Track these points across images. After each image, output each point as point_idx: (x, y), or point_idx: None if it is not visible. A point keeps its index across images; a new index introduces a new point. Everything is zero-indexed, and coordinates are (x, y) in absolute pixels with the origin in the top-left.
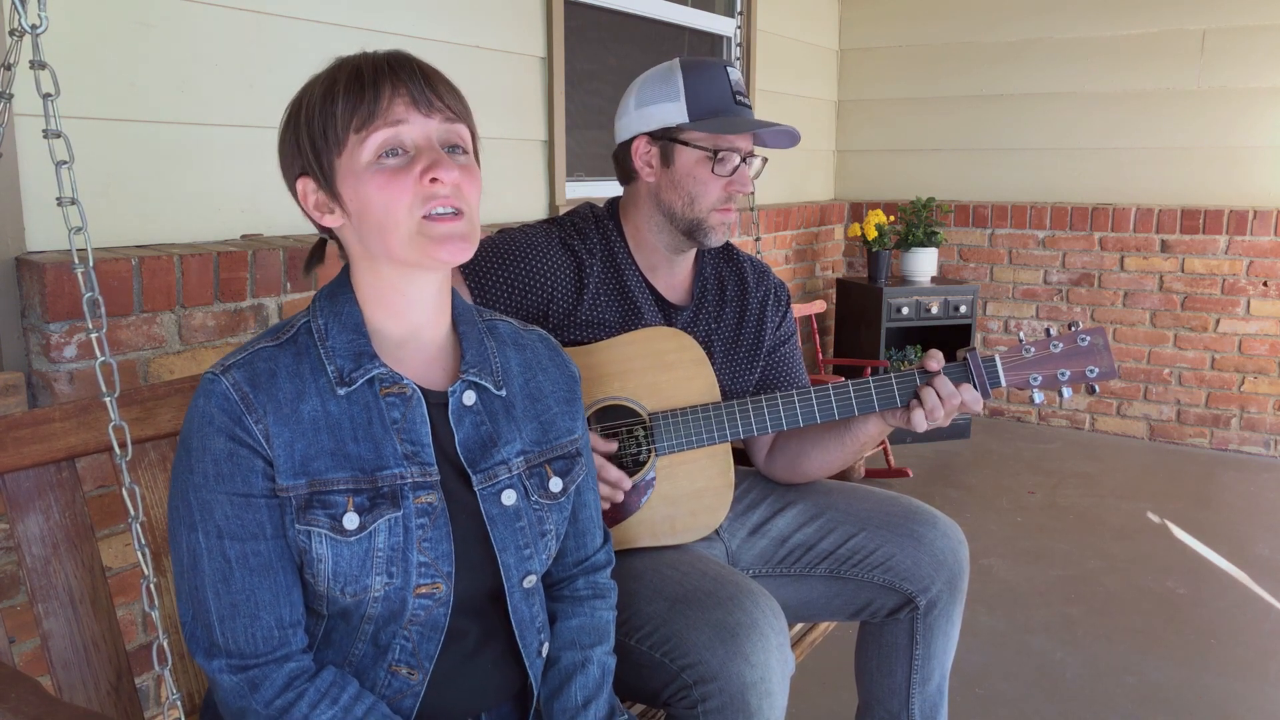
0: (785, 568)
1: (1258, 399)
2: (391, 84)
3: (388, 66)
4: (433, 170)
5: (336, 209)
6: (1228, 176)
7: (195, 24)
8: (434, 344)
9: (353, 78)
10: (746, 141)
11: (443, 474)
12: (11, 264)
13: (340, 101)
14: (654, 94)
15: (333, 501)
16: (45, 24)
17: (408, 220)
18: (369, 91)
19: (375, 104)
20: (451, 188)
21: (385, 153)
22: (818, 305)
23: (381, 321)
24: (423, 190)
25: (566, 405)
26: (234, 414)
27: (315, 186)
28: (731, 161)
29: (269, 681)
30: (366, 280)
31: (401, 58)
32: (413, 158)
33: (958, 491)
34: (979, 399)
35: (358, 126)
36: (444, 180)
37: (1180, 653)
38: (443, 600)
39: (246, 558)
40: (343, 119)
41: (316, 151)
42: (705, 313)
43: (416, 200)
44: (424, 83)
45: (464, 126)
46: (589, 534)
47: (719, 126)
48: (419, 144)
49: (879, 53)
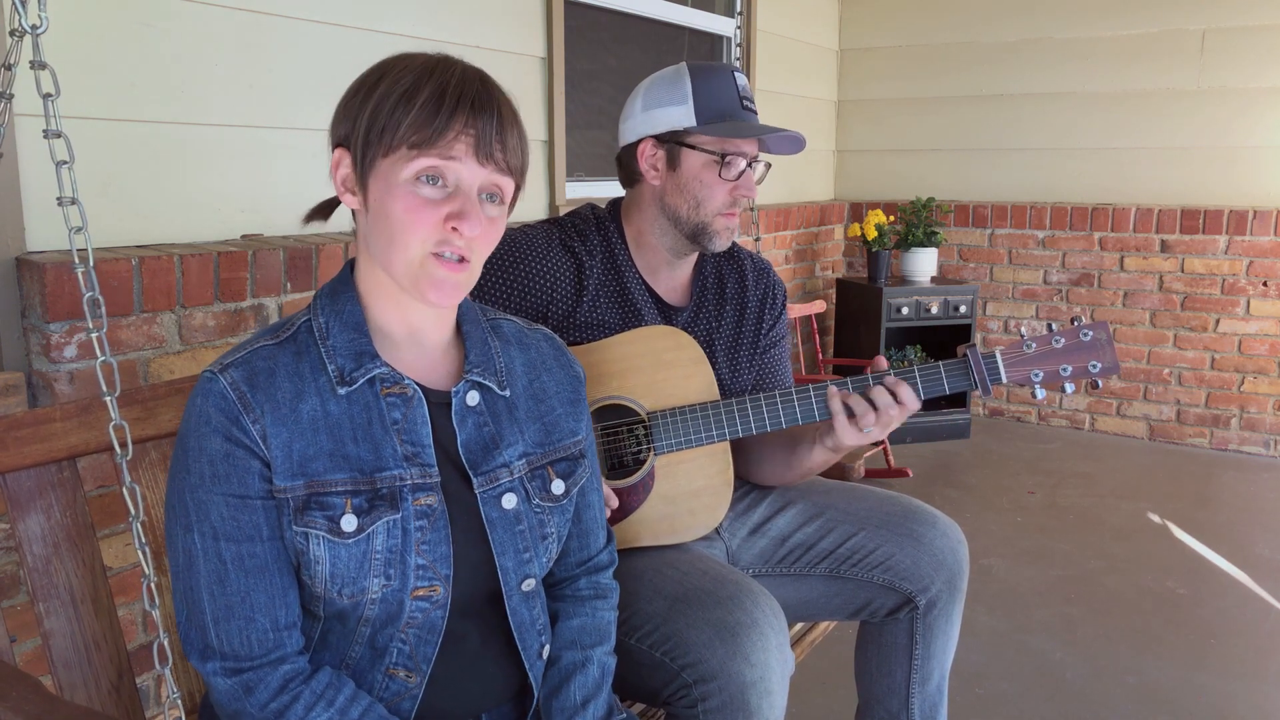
0: (785, 567)
1: (1258, 399)
2: (465, 120)
3: (472, 102)
4: (459, 220)
5: (360, 196)
6: (1227, 176)
7: (195, 24)
8: (437, 344)
9: (435, 94)
10: (752, 146)
11: (444, 475)
12: (12, 264)
13: (413, 113)
14: (662, 97)
15: (330, 503)
16: (45, 24)
17: (417, 249)
18: (442, 120)
19: (442, 134)
20: (467, 240)
21: (426, 177)
22: (817, 305)
23: (383, 320)
24: (442, 232)
25: (571, 406)
26: (231, 414)
27: (350, 164)
28: (738, 166)
29: (264, 684)
30: (368, 277)
31: (487, 94)
32: (449, 195)
33: (958, 491)
34: (914, 397)
35: (414, 144)
36: (464, 235)
37: (1180, 653)
38: (440, 603)
39: (242, 559)
40: (406, 130)
41: (368, 140)
42: (705, 313)
43: (431, 238)
44: (495, 130)
45: (511, 181)
46: (592, 534)
47: (727, 131)
48: (460, 184)
49: (879, 53)
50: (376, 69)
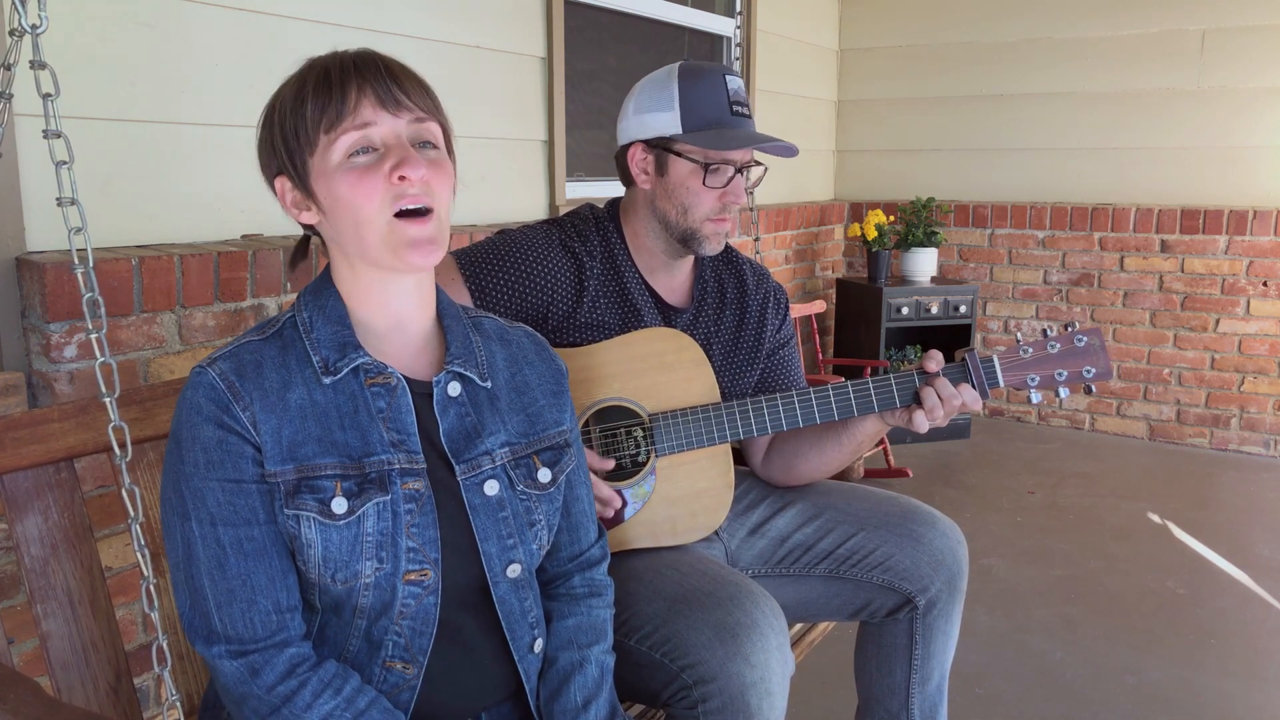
0: (784, 568)
1: (1257, 399)
2: (358, 85)
3: (354, 67)
4: (401, 168)
5: (313, 207)
6: (1227, 177)
7: (195, 24)
8: (419, 335)
9: (320, 79)
10: (742, 153)
11: (429, 462)
12: (11, 264)
13: (309, 103)
14: (650, 102)
15: (321, 486)
16: (45, 24)
17: (379, 218)
18: (336, 93)
19: (342, 105)
20: (420, 184)
21: (355, 152)
22: (817, 305)
23: (365, 314)
24: (392, 188)
25: (554, 398)
26: (221, 402)
27: (291, 185)
28: (725, 174)
29: (270, 667)
30: (346, 276)
31: (368, 57)
32: (381, 155)
33: (958, 491)
34: (978, 399)
35: (327, 127)
36: (412, 178)
37: (1180, 653)
38: (431, 588)
39: (241, 543)
40: (312, 120)
41: (290, 152)
42: (705, 315)
43: (386, 198)
44: (390, 82)
45: (434, 123)
46: (582, 528)
47: (711, 141)
48: (388, 142)
49: (879, 53)
50: (267, 103)
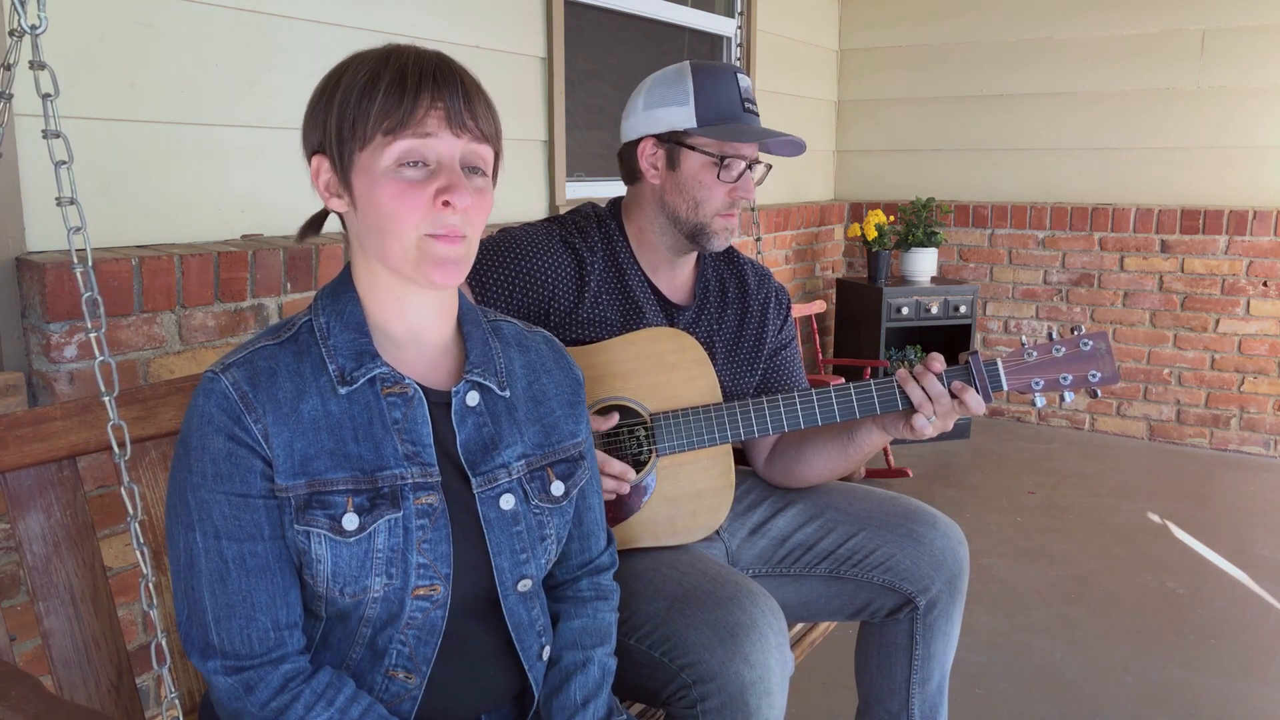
0: (785, 568)
1: (1257, 399)
2: (431, 95)
3: (434, 76)
4: (448, 194)
5: (345, 196)
6: (1227, 177)
7: (195, 24)
8: (438, 344)
9: (396, 78)
10: (752, 149)
11: (444, 475)
12: (11, 264)
13: (379, 100)
14: (663, 96)
15: (332, 502)
16: (45, 24)
17: (412, 234)
18: (408, 100)
19: (411, 113)
20: (462, 214)
21: (406, 162)
22: (817, 305)
23: (384, 320)
24: (433, 212)
25: (570, 409)
26: (233, 413)
27: (329, 168)
28: (737, 168)
29: (264, 683)
30: (364, 275)
31: (447, 68)
32: (432, 173)
33: (958, 491)
34: (982, 402)
35: (387, 129)
36: (457, 206)
37: (1180, 653)
38: (440, 602)
39: (244, 558)
40: (375, 118)
41: (341, 139)
42: (707, 314)
43: (425, 219)
44: (463, 99)
45: (489, 149)
46: (593, 536)
47: (727, 134)
48: (441, 160)
49: (879, 53)
50: (334, 72)
